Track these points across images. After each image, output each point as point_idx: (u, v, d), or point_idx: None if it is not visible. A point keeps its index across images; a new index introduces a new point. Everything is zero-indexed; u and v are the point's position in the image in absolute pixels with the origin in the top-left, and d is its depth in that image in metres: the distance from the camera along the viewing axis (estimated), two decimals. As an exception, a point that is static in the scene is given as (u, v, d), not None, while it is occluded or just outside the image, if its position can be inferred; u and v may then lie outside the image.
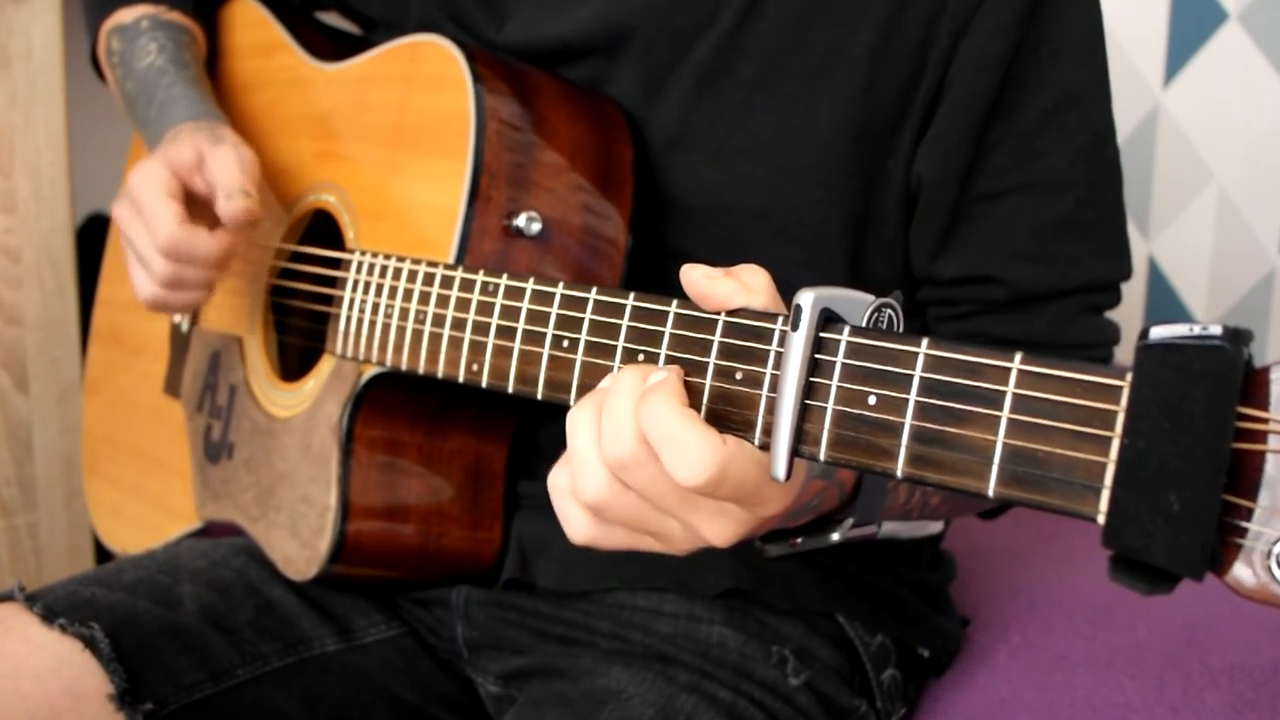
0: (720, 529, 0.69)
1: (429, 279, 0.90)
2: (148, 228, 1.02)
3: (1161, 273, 1.73)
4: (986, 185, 0.95)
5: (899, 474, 0.59)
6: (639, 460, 0.65)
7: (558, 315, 0.78)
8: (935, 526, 1.07)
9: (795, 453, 0.63)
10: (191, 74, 1.16)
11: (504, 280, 0.82)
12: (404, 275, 0.92)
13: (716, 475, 0.63)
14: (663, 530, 0.69)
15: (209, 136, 1.05)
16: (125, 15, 1.20)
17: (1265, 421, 0.48)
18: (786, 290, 0.66)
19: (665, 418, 0.64)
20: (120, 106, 1.21)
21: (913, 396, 0.59)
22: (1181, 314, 1.71)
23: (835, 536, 0.78)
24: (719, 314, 0.68)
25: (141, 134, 1.17)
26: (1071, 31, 0.93)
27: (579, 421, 0.68)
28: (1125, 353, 0.60)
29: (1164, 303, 1.73)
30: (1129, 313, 1.71)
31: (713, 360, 0.68)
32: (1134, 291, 1.74)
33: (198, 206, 1.04)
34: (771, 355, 0.66)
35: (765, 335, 0.66)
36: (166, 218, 1.00)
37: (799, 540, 0.78)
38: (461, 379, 0.86)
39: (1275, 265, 1.63)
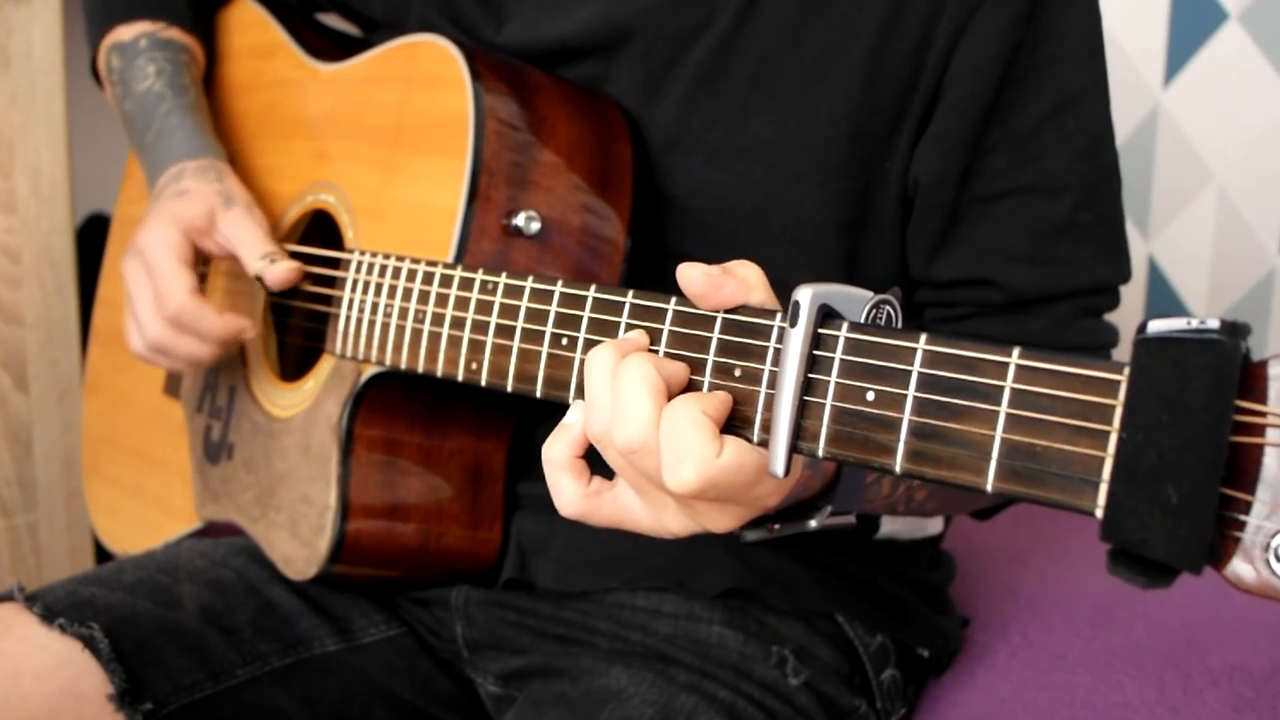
0: (717, 519, 0.70)
1: (428, 278, 0.90)
2: (155, 292, 1.03)
3: (1161, 273, 1.73)
4: (984, 187, 0.95)
5: (898, 469, 0.59)
6: (649, 449, 0.66)
7: (556, 313, 0.78)
8: (935, 526, 1.08)
9: (794, 449, 0.63)
10: (190, 99, 1.16)
11: (503, 279, 0.82)
12: (403, 274, 0.93)
13: (703, 487, 0.64)
14: (655, 503, 0.70)
15: (220, 195, 1.06)
16: (124, 33, 1.20)
17: (1263, 415, 0.48)
18: (784, 291, 0.66)
19: (681, 420, 0.64)
20: (119, 122, 1.22)
21: (911, 392, 0.59)
22: (1181, 314, 1.71)
23: (813, 524, 0.78)
24: (717, 311, 0.68)
25: (138, 157, 1.18)
26: (1070, 34, 0.93)
27: (595, 396, 0.69)
28: (1124, 355, 0.60)
29: (1164, 303, 1.73)
30: (1129, 313, 1.71)
31: (711, 357, 0.68)
32: (1134, 292, 1.74)
33: (197, 261, 1.06)
34: (770, 352, 0.66)
35: (764, 332, 0.66)
36: (178, 286, 1.02)
37: (777, 526, 0.78)
38: (460, 378, 0.86)
39: (1275, 265, 1.63)
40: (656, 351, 0.71)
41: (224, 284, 1.18)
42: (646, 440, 0.65)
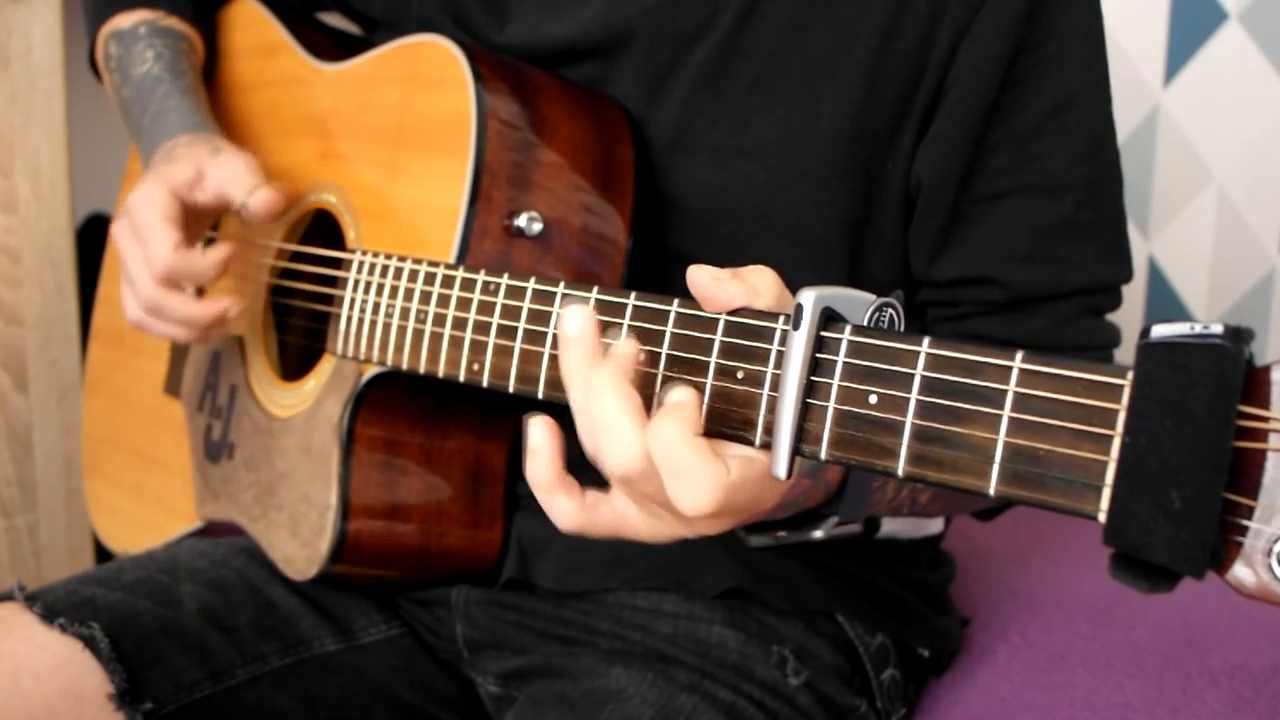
0: (715, 524, 0.69)
1: (430, 279, 0.90)
2: (144, 252, 1.02)
3: (1161, 273, 1.73)
4: (985, 187, 0.95)
5: (900, 473, 0.59)
6: (646, 475, 0.65)
7: (559, 315, 0.78)
8: (935, 526, 1.08)
9: (796, 452, 0.63)
10: (187, 83, 1.15)
11: (505, 280, 0.82)
12: (405, 275, 0.93)
13: (719, 507, 0.64)
14: (652, 512, 0.70)
15: (208, 149, 1.05)
16: (123, 20, 1.20)
17: (1266, 420, 0.48)
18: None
19: (676, 446, 0.64)
20: (116, 111, 1.21)
21: (914, 395, 0.59)
22: (1181, 314, 1.71)
23: (819, 534, 0.79)
24: (721, 313, 0.68)
25: (135, 141, 1.17)
26: (1072, 34, 0.93)
27: (588, 424, 0.68)
28: (1126, 355, 0.60)
29: (1164, 303, 1.73)
30: (1129, 313, 1.70)
31: (714, 359, 0.68)
32: (1134, 292, 1.73)
33: (195, 224, 1.05)
34: (773, 354, 0.66)
35: (767, 334, 0.66)
36: (164, 244, 1.01)
37: (782, 534, 0.78)
38: (462, 379, 0.86)
39: (1275, 265, 1.63)
40: (655, 353, 0.71)
41: (224, 285, 1.18)
42: (640, 468, 0.65)
